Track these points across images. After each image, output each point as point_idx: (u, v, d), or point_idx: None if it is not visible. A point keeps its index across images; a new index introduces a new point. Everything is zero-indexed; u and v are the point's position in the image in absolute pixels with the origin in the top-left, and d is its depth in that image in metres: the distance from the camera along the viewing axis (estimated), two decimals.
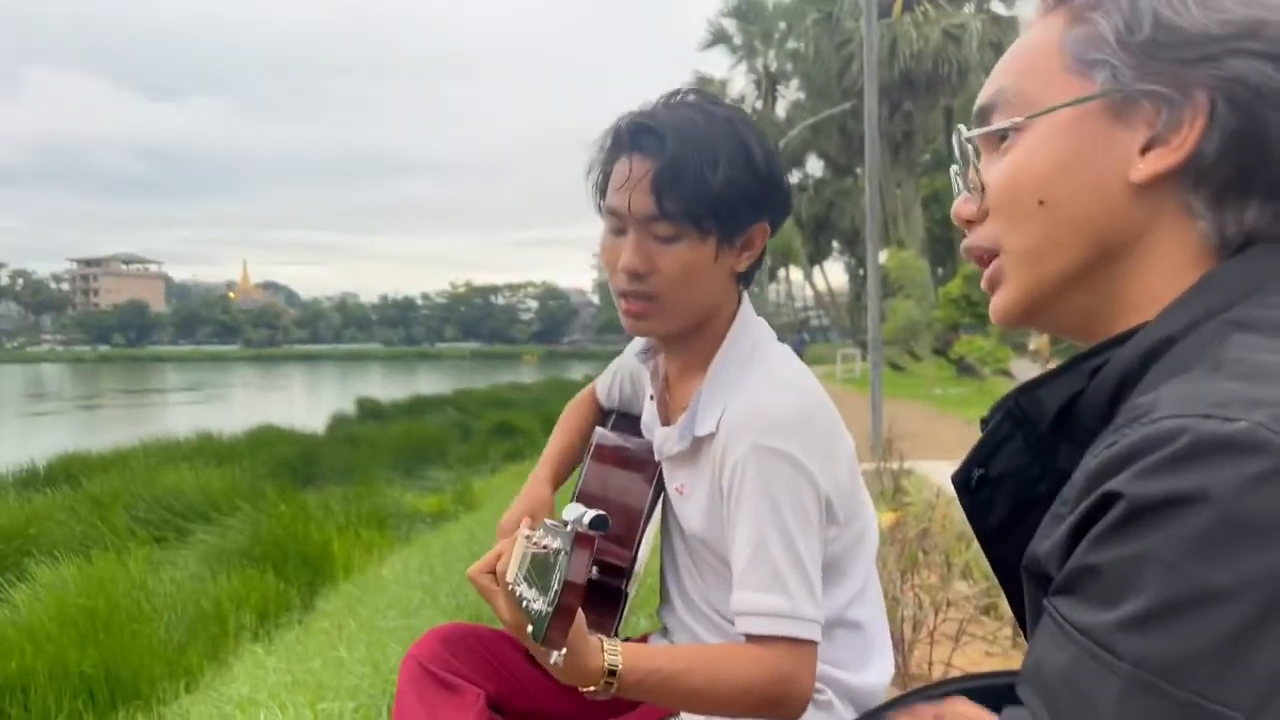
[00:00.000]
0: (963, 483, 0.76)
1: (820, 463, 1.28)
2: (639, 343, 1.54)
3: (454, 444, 15.55)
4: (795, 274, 49.41)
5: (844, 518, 1.33)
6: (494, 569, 1.17)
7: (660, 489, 1.48)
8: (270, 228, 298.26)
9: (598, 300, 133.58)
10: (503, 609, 1.14)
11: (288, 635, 5.04)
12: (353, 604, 5.40)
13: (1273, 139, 0.66)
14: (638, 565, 1.48)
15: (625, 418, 1.65)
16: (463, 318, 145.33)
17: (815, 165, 44.75)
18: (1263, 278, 0.66)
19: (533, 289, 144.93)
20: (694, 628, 1.45)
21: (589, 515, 1.05)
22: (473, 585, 1.20)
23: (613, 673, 1.16)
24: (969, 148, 0.77)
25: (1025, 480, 0.71)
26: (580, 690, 1.17)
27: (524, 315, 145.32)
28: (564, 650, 1.03)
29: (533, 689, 1.46)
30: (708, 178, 1.27)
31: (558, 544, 1.02)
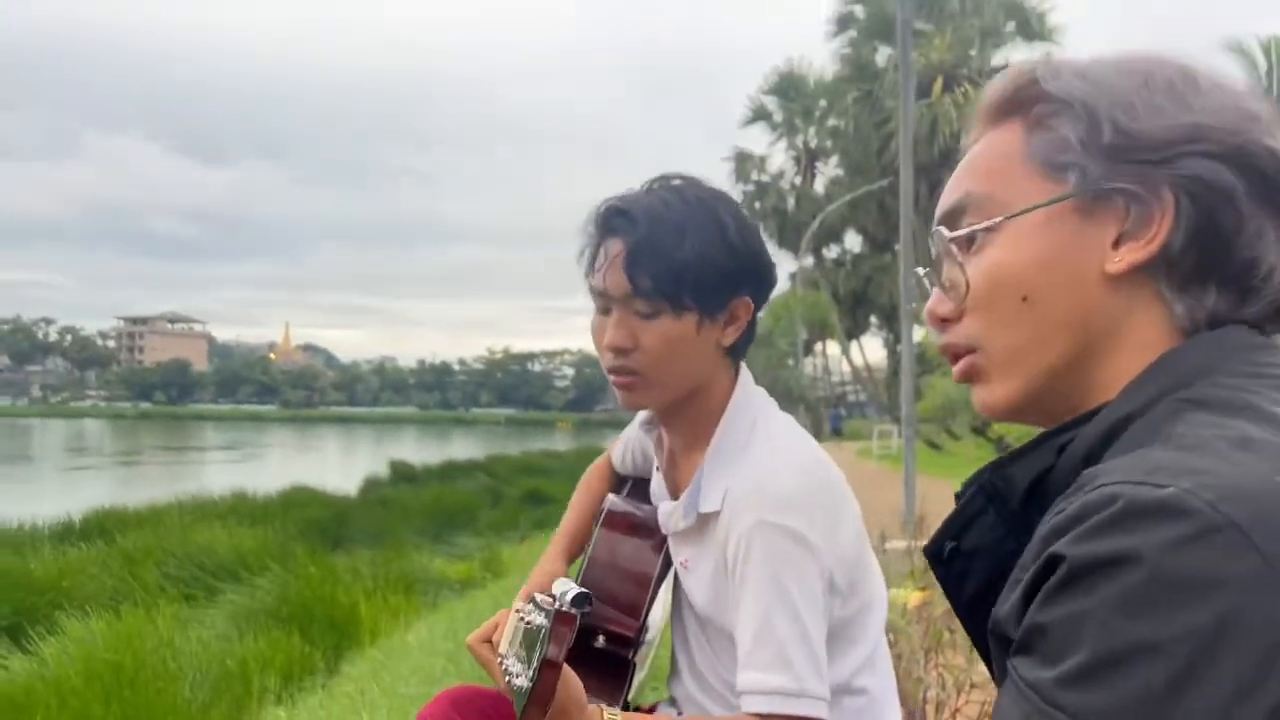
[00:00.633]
0: (935, 555, 0.78)
1: (825, 536, 1.29)
2: (644, 414, 1.56)
3: (484, 510, 15.54)
4: (833, 348, 49.30)
5: (847, 587, 1.33)
6: (490, 638, 1.21)
7: (669, 561, 1.50)
8: (314, 290, 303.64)
9: None
10: (498, 677, 1.17)
11: (311, 699, 5.02)
12: (377, 669, 5.38)
13: (1229, 231, 0.71)
14: (649, 634, 1.48)
15: (640, 484, 1.66)
16: (499, 384, 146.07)
17: (854, 240, 45.00)
18: (1216, 359, 0.70)
19: (569, 356, 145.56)
20: (702, 701, 1.45)
21: (572, 593, 1.08)
22: (471, 653, 1.24)
23: None
24: (951, 248, 0.79)
25: (1000, 554, 0.73)
26: None
27: (559, 382, 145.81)
28: None
29: None
30: (677, 253, 1.32)
31: (541, 620, 1.05)
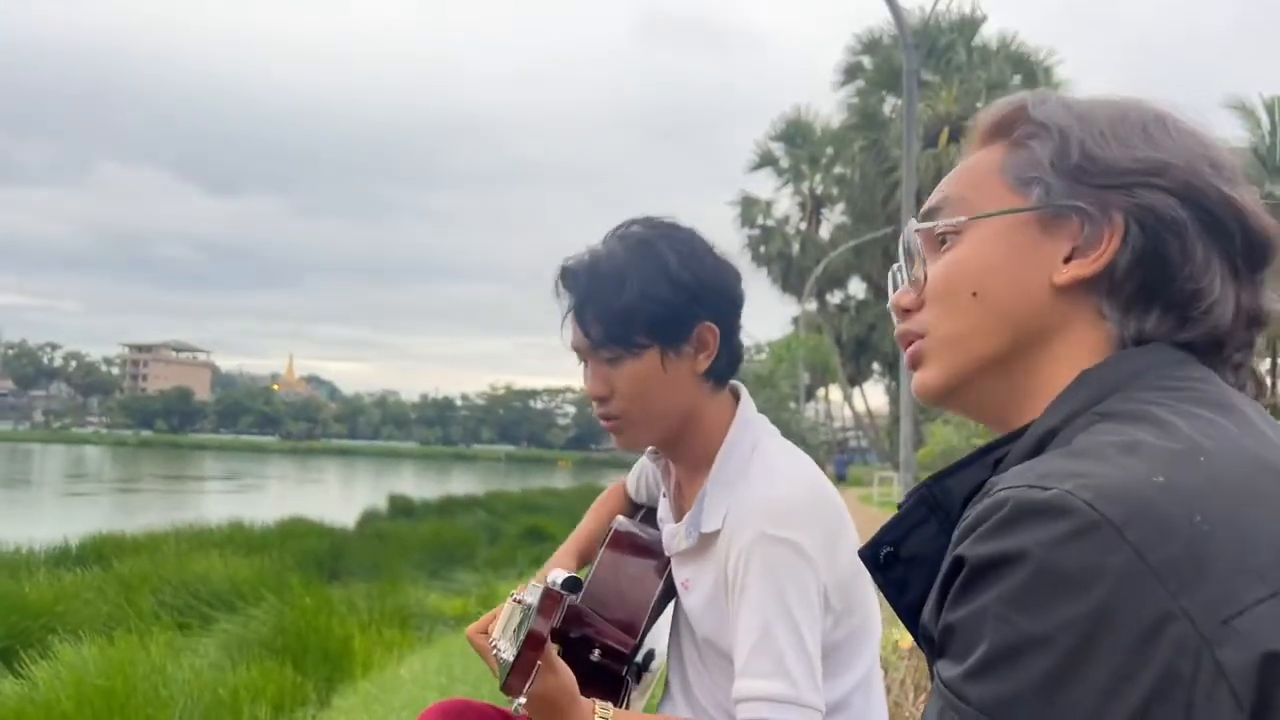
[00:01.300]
0: (871, 558, 0.82)
1: (822, 552, 1.32)
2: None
3: (482, 546, 15.47)
4: (835, 394, 49.32)
5: (842, 607, 1.36)
6: (488, 629, 1.25)
7: (672, 583, 1.52)
8: (319, 322, 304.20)
9: None
10: (490, 662, 1.21)
11: None
12: (369, 702, 5.35)
13: (1173, 260, 0.76)
14: (655, 661, 1.50)
15: (651, 514, 1.70)
16: (500, 420, 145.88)
17: (858, 287, 45.17)
18: (1130, 375, 0.74)
19: (571, 395, 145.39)
20: None
21: (562, 576, 1.12)
22: (470, 643, 1.28)
23: None
24: (916, 240, 0.86)
25: (939, 563, 0.76)
26: None
27: (561, 420, 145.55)
28: (523, 699, 1.08)
29: None
30: (617, 299, 1.38)
31: (531, 600, 1.09)
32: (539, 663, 1.10)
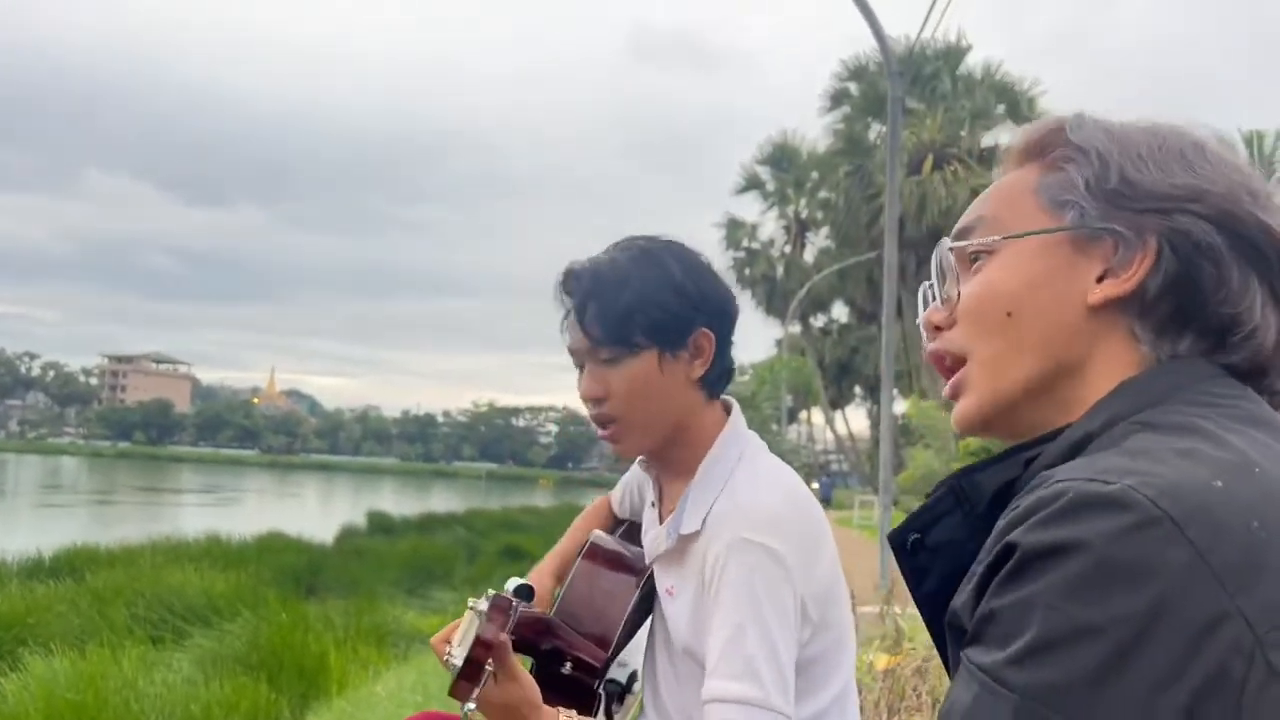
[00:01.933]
0: (899, 544, 0.83)
1: (801, 562, 1.33)
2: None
3: (460, 564, 15.39)
4: (817, 417, 49.42)
5: (818, 620, 1.36)
6: (450, 637, 1.26)
7: (648, 595, 1.52)
8: (302, 336, 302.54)
9: None
10: (446, 668, 1.23)
11: None
12: (343, 719, 5.31)
13: (1206, 285, 0.77)
14: (635, 682, 1.50)
15: (632, 529, 1.71)
16: (481, 437, 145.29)
17: (841, 311, 45.37)
18: (1169, 389, 0.76)
19: (554, 413, 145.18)
20: None
21: (516, 583, 1.14)
22: (434, 651, 1.30)
23: None
24: (949, 259, 0.86)
25: (962, 554, 0.77)
26: None
27: (543, 439, 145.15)
28: (472, 704, 1.09)
29: None
30: (619, 299, 1.41)
31: (483, 607, 1.11)
32: (488, 668, 1.11)
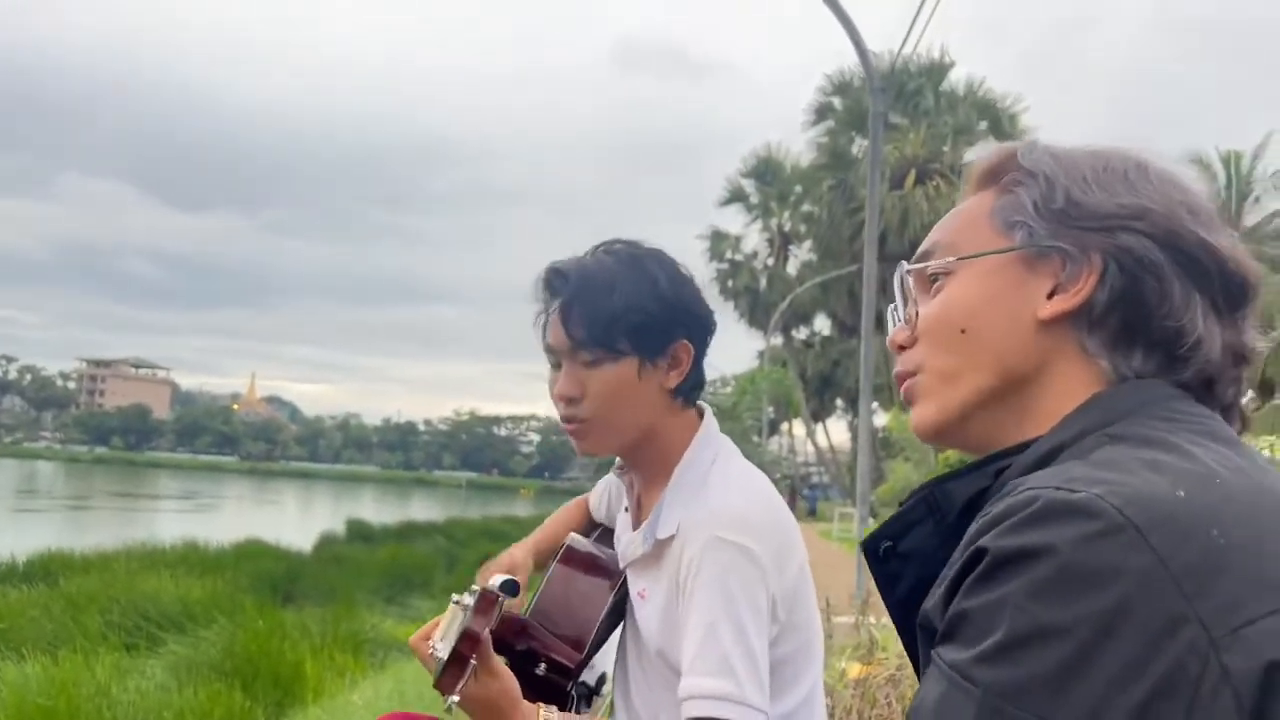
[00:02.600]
0: (871, 551, 0.86)
1: (773, 562, 1.34)
2: (619, 459, 1.62)
3: (440, 573, 15.31)
4: (798, 429, 49.53)
5: (786, 620, 1.38)
6: (430, 635, 1.26)
7: (621, 600, 1.53)
8: (284, 342, 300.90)
9: None
10: (428, 664, 1.23)
11: None
12: None
13: (1150, 299, 0.80)
14: (603, 685, 1.51)
15: (608, 532, 1.72)
16: (463, 445, 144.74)
17: (823, 323, 45.49)
18: (1138, 404, 0.78)
19: (535, 422, 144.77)
20: None
21: (500, 579, 1.15)
22: (413, 651, 1.29)
23: None
24: (909, 282, 0.90)
25: (932, 562, 0.79)
26: None
27: (524, 448, 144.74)
28: (456, 698, 1.10)
29: None
30: (605, 303, 1.42)
31: (469, 601, 1.11)
32: (473, 662, 1.12)
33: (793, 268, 44.40)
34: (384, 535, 20.87)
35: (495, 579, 1.20)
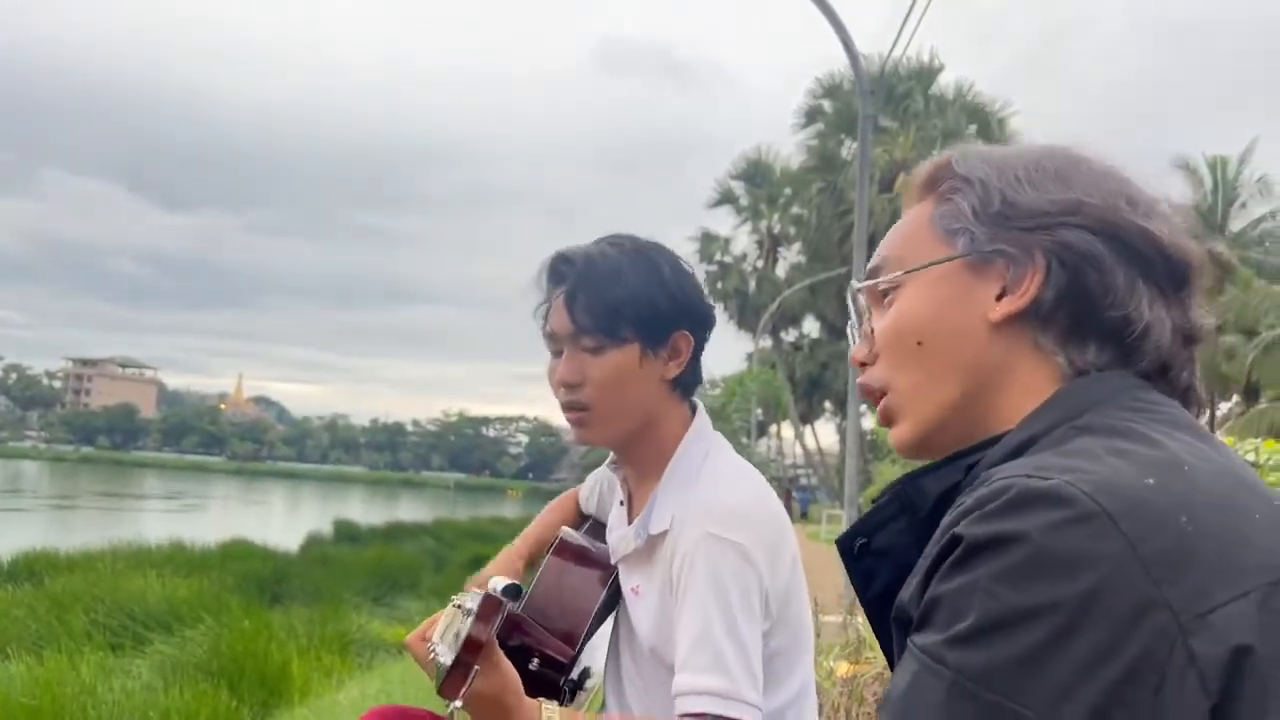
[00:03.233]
0: (846, 548, 0.87)
1: (765, 557, 1.35)
2: (611, 453, 1.62)
3: (427, 574, 15.29)
4: (787, 431, 49.58)
5: (778, 616, 1.38)
6: (426, 635, 1.25)
7: (614, 594, 1.53)
8: (271, 342, 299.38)
9: None
10: (427, 667, 1.22)
11: None
12: None
13: (1094, 291, 0.81)
14: (590, 680, 1.51)
15: (599, 525, 1.72)
16: (451, 446, 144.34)
17: (812, 326, 45.54)
18: (1104, 396, 0.80)
19: (524, 424, 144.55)
20: None
21: (503, 583, 1.15)
22: (408, 652, 1.28)
23: None
24: (860, 299, 0.92)
25: (906, 558, 0.80)
26: None
27: (513, 449, 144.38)
28: (459, 703, 1.10)
29: None
30: (611, 291, 1.43)
31: (471, 605, 1.11)
32: (476, 667, 1.12)
33: (782, 270, 44.47)
34: (371, 536, 20.85)
35: (496, 581, 1.19)
